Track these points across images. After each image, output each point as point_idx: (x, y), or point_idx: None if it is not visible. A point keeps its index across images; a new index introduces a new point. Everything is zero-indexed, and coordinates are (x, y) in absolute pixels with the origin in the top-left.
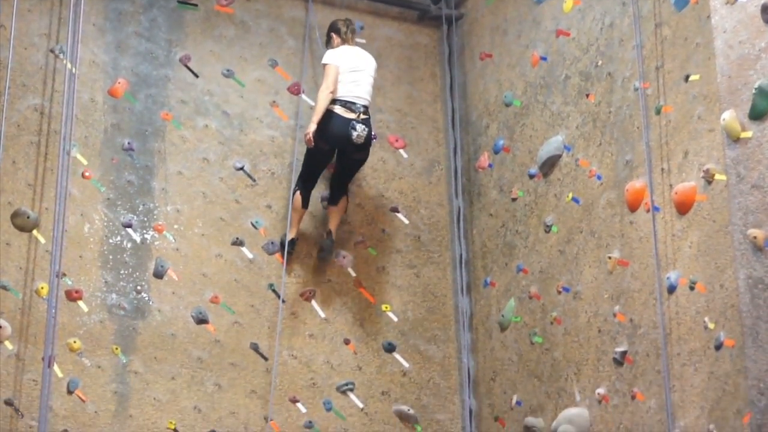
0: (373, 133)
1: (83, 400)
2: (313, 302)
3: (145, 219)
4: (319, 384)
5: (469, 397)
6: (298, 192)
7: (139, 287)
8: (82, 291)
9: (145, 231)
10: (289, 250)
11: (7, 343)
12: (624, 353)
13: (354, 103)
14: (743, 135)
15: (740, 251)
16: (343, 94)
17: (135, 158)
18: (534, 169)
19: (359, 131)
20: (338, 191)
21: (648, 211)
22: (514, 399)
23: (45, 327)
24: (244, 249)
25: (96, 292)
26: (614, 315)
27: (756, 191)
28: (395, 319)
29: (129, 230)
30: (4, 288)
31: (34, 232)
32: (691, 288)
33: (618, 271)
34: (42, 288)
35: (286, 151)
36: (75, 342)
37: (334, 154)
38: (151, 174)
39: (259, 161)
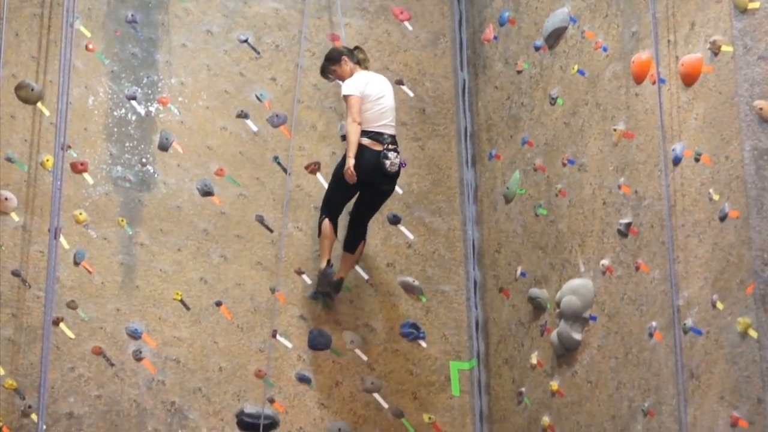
0: (402, 162)
1: (90, 272)
2: (318, 175)
3: (150, 92)
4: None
5: (473, 268)
6: (326, 220)
7: (144, 160)
8: (87, 163)
9: (149, 104)
10: (331, 273)
11: (13, 214)
12: (629, 225)
13: (381, 134)
14: (750, 6)
15: (746, 123)
16: (369, 125)
17: (138, 30)
18: (539, 41)
19: (392, 159)
20: (358, 234)
21: (654, 83)
22: (519, 270)
23: (51, 199)
24: (248, 122)
25: (101, 165)
26: (619, 187)
27: (762, 62)
28: (400, 191)
29: (133, 103)
30: (10, 160)
31: (39, 104)
32: (697, 159)
33: (623, 143)
34: (47, 160)
35: (291, 23)
36: (81, 214)
37: (361, 186)
38: (155, 46)
39: (263, 34)
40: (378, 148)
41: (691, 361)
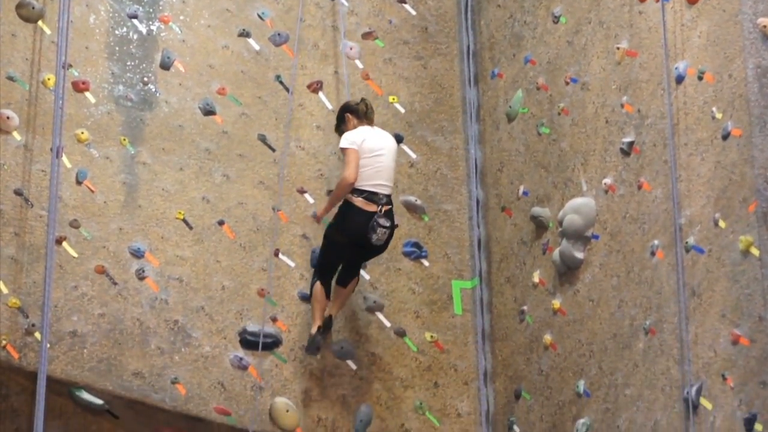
0: (395, 223)
1: (92, 191)
2: (321, 94)
3: (151, 10)
4: (327, 175)
5: (476, 187)
6: (318, 284)
7: (145, 79)
8: (89, 82)
9: (150, 22)
10: (320, 340)
11: (15, 134)
12: (631, 143)
13: (376, 194)
14: None
15: (749, 40)
16: (364, 184)
17: None
18: None
19: (379, 235)
20: (350, 273)
21: (657, 0)
22: (521, 189)
23: (52, 118)
24: (250, 40)
25: (103, 84)
26: (622, 105)
27: None
28: (402, 110)
29: (135, 21)
30: (11, 79)
31: (40, 22)
32: (700, 78)
33: (626, 62)
34: (48, 79)
35: None
36: (83, 133)
37: (351, 245)
38: None
39: None
40: (371, 209)
41: (693, 279)
